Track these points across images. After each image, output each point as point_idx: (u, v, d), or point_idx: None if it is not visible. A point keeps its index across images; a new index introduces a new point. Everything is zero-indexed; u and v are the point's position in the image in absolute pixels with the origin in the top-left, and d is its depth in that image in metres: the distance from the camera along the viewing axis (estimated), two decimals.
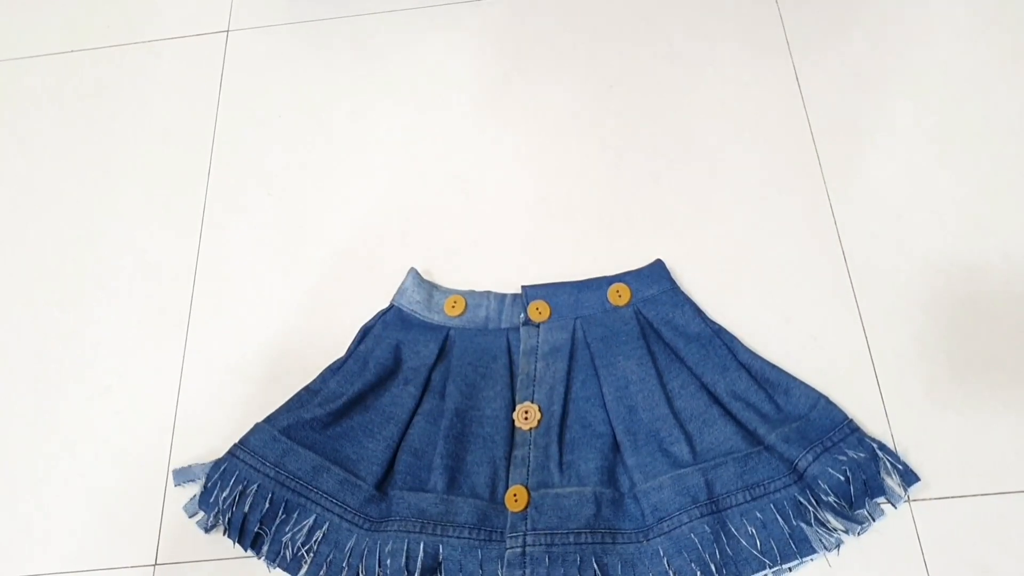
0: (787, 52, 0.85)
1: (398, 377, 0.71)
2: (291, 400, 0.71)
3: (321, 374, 0.72)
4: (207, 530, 0.67)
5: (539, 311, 0.72)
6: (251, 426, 0.69)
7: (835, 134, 0.80)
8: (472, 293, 0.74)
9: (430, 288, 0.75)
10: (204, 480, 0.67)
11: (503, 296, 0.74)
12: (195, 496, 0.67)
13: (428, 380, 0.71)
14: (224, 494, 0.65)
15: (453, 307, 0.74)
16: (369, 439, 0.68)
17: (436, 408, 0.70)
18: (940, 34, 0.84)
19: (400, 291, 0.75)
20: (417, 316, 0.74)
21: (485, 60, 0.89)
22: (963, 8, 0.85)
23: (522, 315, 0.73)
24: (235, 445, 0.68)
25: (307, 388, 0.71)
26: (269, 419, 0.69)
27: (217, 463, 0.67)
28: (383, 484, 0.67)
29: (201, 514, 0.67)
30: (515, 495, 0.65)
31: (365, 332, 0.73)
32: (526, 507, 0.64)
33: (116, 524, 0.70)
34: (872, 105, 0.81)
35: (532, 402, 0.69)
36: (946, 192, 0.76)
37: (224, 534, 0.66)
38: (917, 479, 0.63)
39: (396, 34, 0.92)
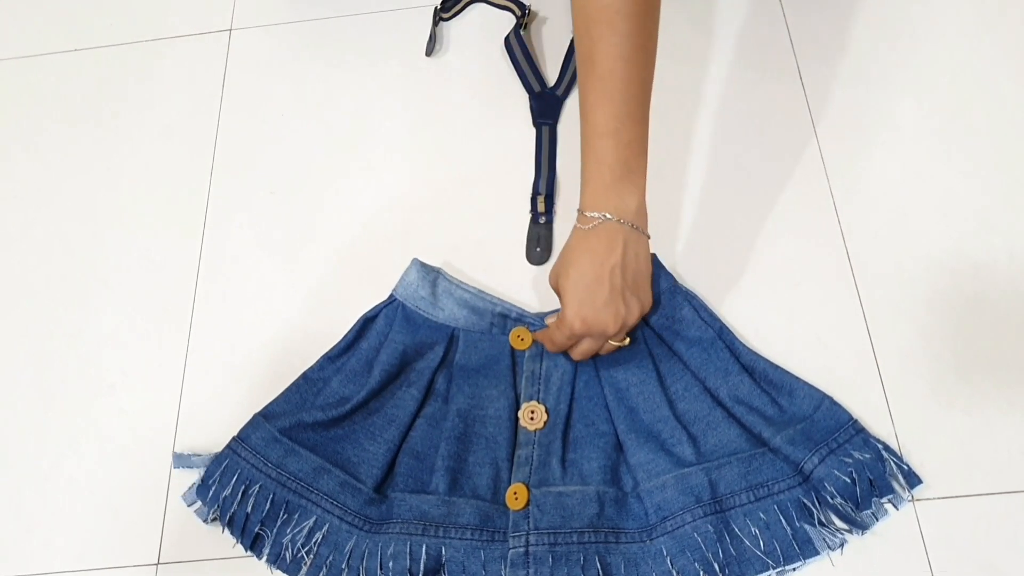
0: (791, 50, 0.85)
1: (401, 379, 0.71)
2: (290, 391, 0.71)
3: (319, 362, 0.72)
4: (206, 520, 0.67)
5: (520, 339, 0.72)
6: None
7: (839, 132, 0.80)
8: (480, 296, 0.73)
9: (435, 277, 0.74)
10: (202, 472, 0.67)
11: (507, 315, 0.73)
12: (193, 485, 0.67)
13: (431, 382, 0.71)
14: (226, 492, 0.65)
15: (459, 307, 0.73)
16: (370, 442, 0.68)
17: (439, 411, 0.70)
18: (944, 32, 0.84)
19: (402, 283, 0.74)
20: (421, 313, 0.73)
21: (488, 57, 0.89)
22: (968, 6, 0.85)
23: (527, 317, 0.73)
24: (235, 440, 0.68)
25: (305, 377, 0.71)
26: (268, 415, 0.69)
27: (219, 459, 0.67)
28: (382, 487, 0.67)
29: (199, 503, 0.67)
30: (515, 493, 0.65)
31: (365, 322, 0.73)
32: (526, 505, 0.64)
33: (119, 523, 0.70)
34: (876, 103, 0.81)
35: (538, 402, 0.69)
36: (951, 191, 0.76)
37: (224, 530, 0.66)
38: (920, 481, 0.63)
39: (398, 32, 0.92)
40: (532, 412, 0.68)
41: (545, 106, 0.84)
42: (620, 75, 0.62)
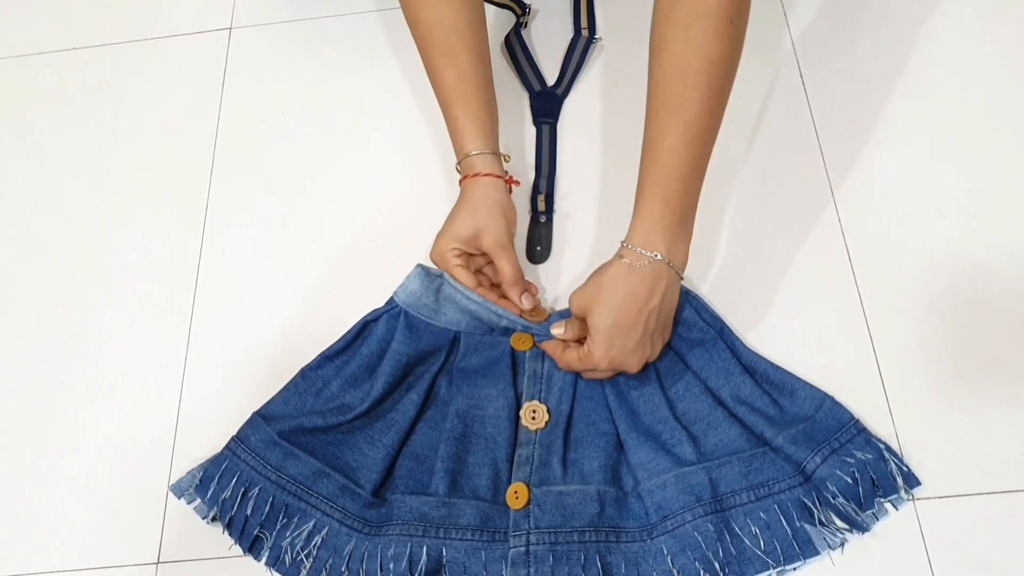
0: (791, 50, 0.85)
1: (402, 383, 0.71)
2: (288, 390, 0.70)
3: (317, 360, 0.71)
4: (206, 518, 0.66)
5: (521, 341, 0.71)
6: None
7: (839, 133, 0.80)
8: (484, 306, 0.71)
9: (439, 284, 0.73)
10: (201, 473, 0.67)
11: (512, 328, 0.72)
12: (194, 484, 0.67)
13: (432, 386, 0.71)
14: (225, 494, 0.65)
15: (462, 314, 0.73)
16: (369, 447, 0.68)
17: (439, 414, 0.70)
18: (944, 32, 0.84)
19: (404, 287, 0.73)
20: (423, 318, 0.73)
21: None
22: (968, 6, 0.85)
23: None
24: (234, 441, 0.68)
25: (303, 375, 0.71)
26: (268, 417, 0.69)
27: (218, 459, 0.67)
28: (380, 490, 0.67)
29: (199, 501, 0.67)
30: (516, 492, 0.65)
31: (365, 324, 0.73)
32: (527, 504, 0.64)
33: (119, 522, 0.70)
34: (876, 104, 0.81)
35: (540, 401, 0.69)
36: (950, 191, 0.76)
37: (223, 532, 0.66)
38: (918, 483, 0.63)
39: (398, 31, 0.92)
40: (534, 412, 0.68)
41: (545, 105, 0.84)
42: (703, 126, 0.63)
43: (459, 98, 0.72)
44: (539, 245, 0.77)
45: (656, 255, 0.63)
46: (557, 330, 0.69)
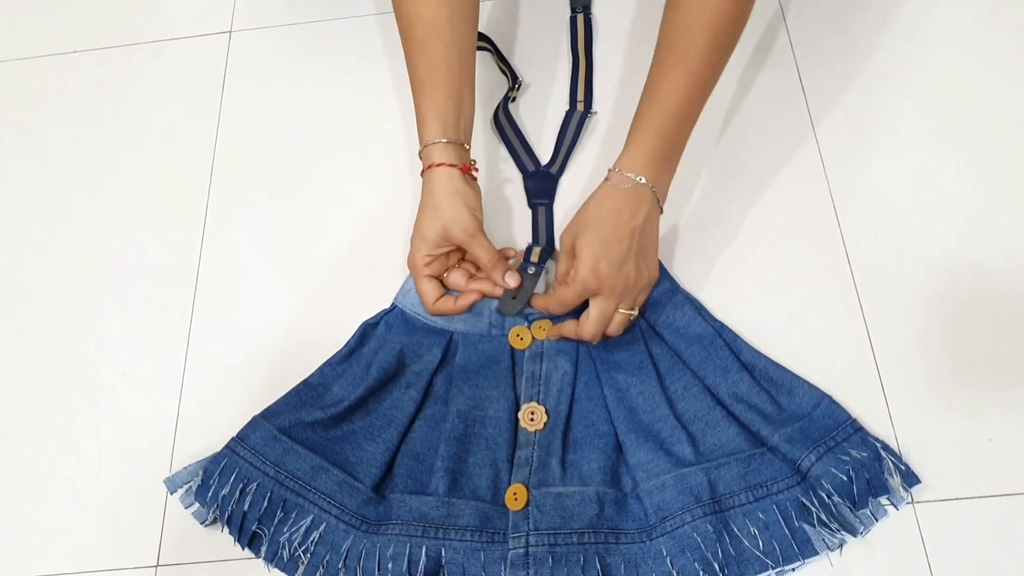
0: (790, 52, 0.85)
1: (400, 380, 0.71)
2: (290, 395, 0.70)
3: (320, 368, 0.72)
4: (203, 522, 0.66)
5: (519, 338, 0.72)
6: None
7: (839, 134, 0.80)
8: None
9: None
10: (201, 473, 0.67)
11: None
12: (192, 485, 0.67)
13: (430, 384, 0.71)
14: (224, 491, 0.65)
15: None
16: (369, 442, 0.68)
17: (438, 412, 0.70)
18: (944, 34, 0.84)
19: (403, 291, 0.74)
20: (420, 318, 0.73)
21: (487, 60, 0.89)
22: (967, 8, 0.85)
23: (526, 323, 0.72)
24: (234, 440, 0.68)
25: (306, 383, 0.71)
26: (268, 415, 0.69)
27: (217, 458, 0.67)
28: (380, 487, 0.67)
29: (197, 505, 0.67)
30: (515, 494, 0.65)
31: (366, 328, 0.73)
32: (526, 506, 0.64)
33: (118, 525, 0.70)
34: (876, 105, 0.81)
35: (538, 403, 0.69)
36: (950, 193, 0.76)
37: (224, 530, 0.66)
38: (918, 481, 0.63)
39: (397, 35, 0.92)
40: (532, 413, 0.68)
41: (540, 186, 0.80)
42: (703, 77, 0.68)
43: (427, 89, 0.73)
44: (514, 295, 0.73)
45: (641, 179, 0.67)
46: (542, 291, 0.71)
